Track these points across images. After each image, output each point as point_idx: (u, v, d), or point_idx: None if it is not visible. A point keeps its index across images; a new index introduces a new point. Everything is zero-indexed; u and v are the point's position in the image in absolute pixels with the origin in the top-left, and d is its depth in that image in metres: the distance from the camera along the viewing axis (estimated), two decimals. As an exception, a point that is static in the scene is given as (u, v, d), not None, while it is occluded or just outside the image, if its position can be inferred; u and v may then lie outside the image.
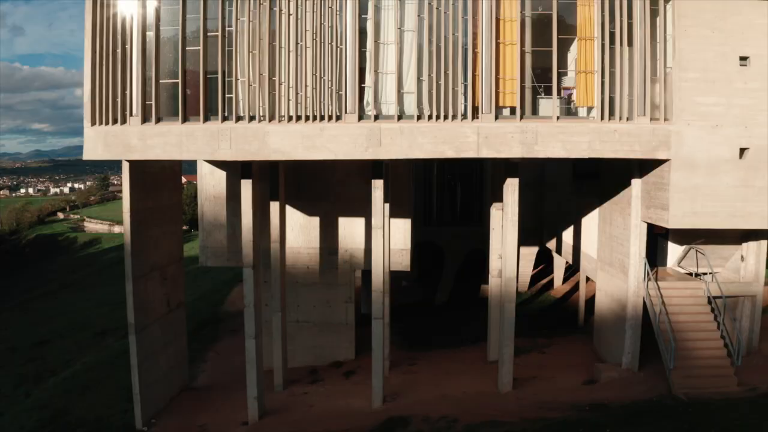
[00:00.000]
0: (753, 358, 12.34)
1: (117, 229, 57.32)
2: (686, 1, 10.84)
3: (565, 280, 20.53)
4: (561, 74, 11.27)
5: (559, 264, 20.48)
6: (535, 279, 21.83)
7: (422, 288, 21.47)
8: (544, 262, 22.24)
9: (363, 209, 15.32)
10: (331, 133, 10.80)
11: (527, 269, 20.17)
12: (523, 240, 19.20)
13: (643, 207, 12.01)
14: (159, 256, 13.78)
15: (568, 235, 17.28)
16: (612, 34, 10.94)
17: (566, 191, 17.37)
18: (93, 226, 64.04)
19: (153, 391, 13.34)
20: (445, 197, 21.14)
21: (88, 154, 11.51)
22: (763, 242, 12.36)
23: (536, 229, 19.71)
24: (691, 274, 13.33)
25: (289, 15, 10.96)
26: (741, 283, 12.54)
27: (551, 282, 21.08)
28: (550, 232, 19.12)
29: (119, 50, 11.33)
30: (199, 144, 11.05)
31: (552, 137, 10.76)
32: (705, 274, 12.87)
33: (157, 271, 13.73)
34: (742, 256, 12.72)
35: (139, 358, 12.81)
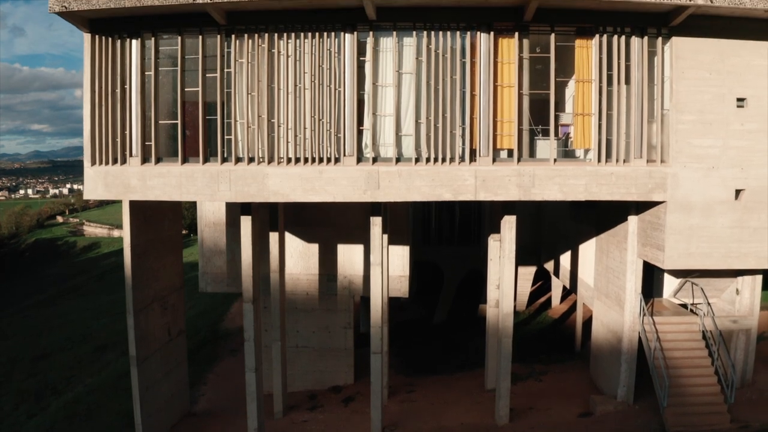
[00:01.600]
0: (746, 392, 12.52)
1: (116, 233, 57.41)
2: (684, 43, 10.89)
3: (563, 298, 20.68)
4: (558, 111, 11.37)
5: (557, 283, 20.63)
6: (533, 295, 21.97)
7: (420, 305, 21.60)
8: (542, 278, 22.38)
9: (362, 236, 15.47)
10: (329, 176, 10.88)
11: (525, 289, 20.31)
12: (522, 260, 19.40)
13: (639, 244, 12.12)
14: (160, 286, 13.88)
15: (565, 259, 17.40)
16: (609, 76, 11.00)
17: (564, 215, 17.47)
18: (92, 230, 64.08)
19: (155, 420, 13.49)
20: (444, 217, 21.24)
21: (88, 194, 11.58)
22: (758, 277, 12.51)
23: (534, 249, 19.83)
24: (686, 306, 13.47)
25: (288, 57, 11.00)
26: (736, 317, 12.68)
27: (549, 300, 21.23)
28: (548, 253, 19.24)
29: (118, 90, 11.38)
30: (199, 185, 11.12)
31: (549, 180, 10.84)
32: (700, 304, 13.04)
33: (157, 302, 13.83)
34: (737, 290, 12.86)
35: (140, 389, 12.93)
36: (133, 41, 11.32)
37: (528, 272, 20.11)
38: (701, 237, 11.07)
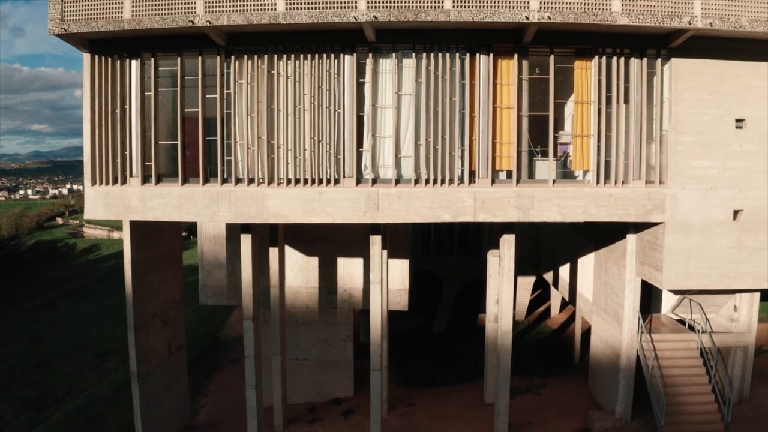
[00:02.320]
0: (744, 408, 12.60)
1: (116, 235, 57.45)
2: (684, 64, 10.91)
3: (561, 308, 20.76)
4: (557, 130, 11.41)
5: (556, 293, 20.69)
6: (532, 303, 22.04)
7: (419, 314, 21.66)
8: (541, 285, 22.44)
9: (361, 250, 15.48)
10: (329, 197, 10.91)
11: (524, 298, 20.38)
12: (521, 270, 19.45)
13: (638, 263, 12.17)
14: (160, 302, 13.94)
15: (564, 271, 17.45)
16: (608, 98, 11.02)
17: (564, 227, 17.50)
18: (92, 231, 64.15)
19: (155, 434, 13.58)
20: (443, 227, 21.28)
21: (89, 215, 11.62)
22: (756, 294, 12.56)
23: (534, 259, 19.88)
24: (684, 322, 13.54)
25: (288, 78, 11.02)
26: (734, 333, 12.75)
27: (548, 309, 21.31)
28: (548, 264, 19.29)
29: (118, 110, 11.40)
30: (199, 206, 11.16)
31: (548, 201, 10.88)
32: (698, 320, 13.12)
33: (158, 318, 13.89)
34: (735, 306, 12.93)
35: (141, 404, 13.00)
36: (133, 61, 11.33)
37: (527, 282, 20.18)
38: (699, 258, 11.12)
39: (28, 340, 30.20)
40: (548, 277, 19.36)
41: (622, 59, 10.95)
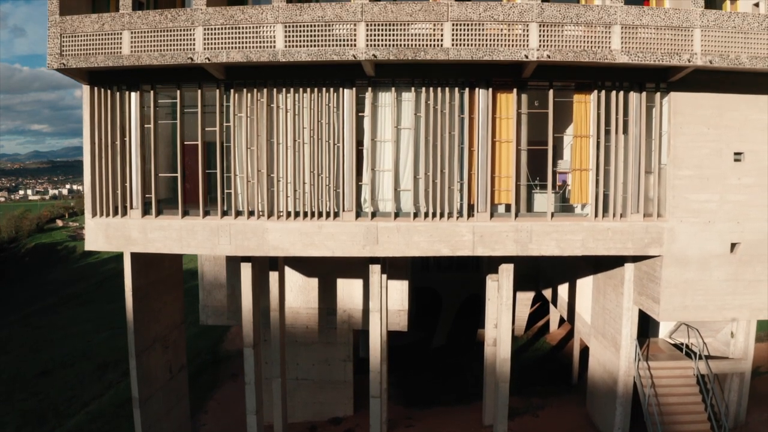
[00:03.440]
0: (739, 434, 12.73)
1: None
2: (683, 98, 10.93)
3: (560, 322, 20.84)
4: (556, 158, 11.44)
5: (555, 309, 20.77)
6: (532, 316, 22.09)
7: (419, 327, 21.74)
8: (540, 297, 22.49)
9: (361, 271, 15.52)
10: (329, 231, 10.96)
11: (523, 314, 20.46)
12: (520, 285, 19.51)
13: (636, 292, 12.24)
14: (161, 326, 14.01)
15: (563, 290, 17.53)
16: (607, 131, 11.05)
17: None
18: (92, 232, 63.77)
19: (156, 457, 13.69)
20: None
21: (89, 246, 11.66)
22: (753, 321, 12.64)
23: (533, 275, 19.94)
24: (681, 347, 13.62)
25: (287, 111, 11.03)
26: (730, 360, 12.85)
27: (547, 324, 21.39)
28: (547, 281, 19.36)
29: (118, 142, 11.42)
30: (199, 239, 11.20)
31: (546, 236, 10.93)
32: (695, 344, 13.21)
33: (159, 342, 13.97)
34: (732, 333, 13.02)
35: (143, 429, 13.11)
36: (132, 93, 11.34)
37: (526, 297, 20.25)
38: (696, 290, 11.19)
39: (29, 349, 30.32)
40: (547, 294, 19.44)
41: (621, 93, 10.98)
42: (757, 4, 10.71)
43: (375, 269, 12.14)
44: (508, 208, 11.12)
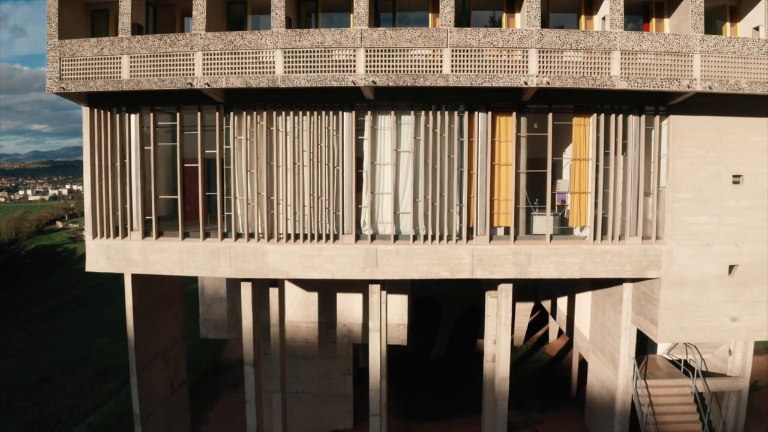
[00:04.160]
0: (737, 451, 12.81)
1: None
2: (682, 121, 10.94)
3: (560, 333, 20.89)
4: (555, 177, 11.46)
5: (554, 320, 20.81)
6: (532, 325, 22.14)
7: (418, 335, 21.80)
8: (540, 306, 22.54)
9: (361, 285, 15.59)
10: (328, 254, 10.99)
11: (523, 324, 20.51)
12: (520, 296, 19.56)
13: (634, 312, 12.29)
14: (161, 342, 14.08)
15: (563, 303, 17.59)
16: (606, 155, 11.06)
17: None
18: (92, 233, 63.72)
19: (157, 472, 13.79)
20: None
21: (90, 267, 11.70)
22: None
23: (533, 285, 19.98)
24: (679, 365, 13.68)
25: (287, 134, 11.04)
26: (728, 378, 12.92)
27: (546, 333, 21.46)
28: (546, 292, 19.41)
29: (118, 164, 11.43)
30: (200, 261, 11.24)
31: (545, 258, 10.97)
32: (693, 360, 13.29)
33: (160, 358, 14.04)
34: (729, 350, 13.08)
35: (144, 445, 13.20)
36: (132, 115, 11.35)
37: (526, 308, 20.30)
38: (694, 312, 11.24)
39: (29, 354, 30.38)
40: (546, 305, 19.50)
41: (621, 116, 10.99)
42: (757, 28, 10.70)
43: (375, 289, 12.18)
44: (507, 230, 11.15)
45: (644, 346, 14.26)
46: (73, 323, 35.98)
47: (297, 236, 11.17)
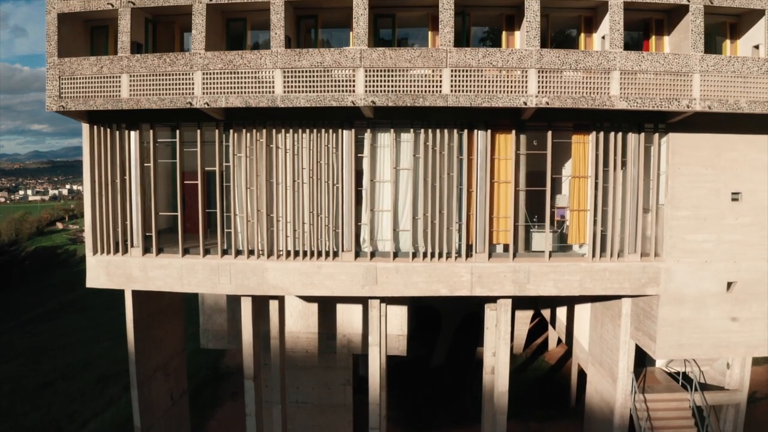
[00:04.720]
0: (734, 465, 12.87)
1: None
2: (681, 139, 10.95)
3: (559, 341, 20.94)
4: (554, 193, 11.48)
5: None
6: (531, 332, 22.19)
7: (418, 342, 21.87)
8: (539, 313, 22.58)
9: (360, 297, 15.63)
10: (328, 271, 11.02)
11: (522, 331, 20.58)
12: (519, 304, 19.58)
13: (632, 327, 12.33)
14: (162, 355, 14.12)
15: (562, 312, 17.63)
16: (605, 172, 11.08)
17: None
18: (92, 235, 63.73)
19: (158, 484, 13.85)
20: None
21: (91, 283, 11.73)
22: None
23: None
24: (677, 378, 13.74)
25: (286, 152, 11.06)
26: (726, 392, 12.97)
27: (546, 341, 21.52)
28: (546, 301, 19.43)
29: (118, 181, 11.45)
30: (200, 278, 11.27)
31: (544, 276, 11.00)
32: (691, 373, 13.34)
33: (160, 370, 14.09)
34: (728, 364, 13.14)
35: (145, 458, 13.26)
36: (132, 132, 11.36)
37: (525, 316, 20.36)
38: (693, 329, 11.28)
39: (29, 358, 30.46)
40: (546, 314, 19.55)
41: (620, 133, 11.00)
42: (757, 46, 10.70)
43: (374, 304, 12.21)
44: (506, 247, 11.18)
45: (643, 358, 14.31)
46: (74, 326, 36.06)
47: (297, 253, 11.21)
